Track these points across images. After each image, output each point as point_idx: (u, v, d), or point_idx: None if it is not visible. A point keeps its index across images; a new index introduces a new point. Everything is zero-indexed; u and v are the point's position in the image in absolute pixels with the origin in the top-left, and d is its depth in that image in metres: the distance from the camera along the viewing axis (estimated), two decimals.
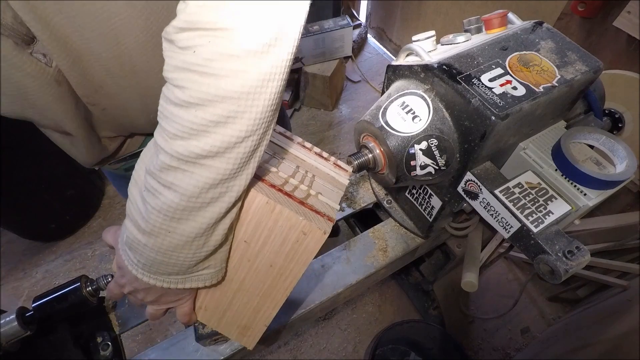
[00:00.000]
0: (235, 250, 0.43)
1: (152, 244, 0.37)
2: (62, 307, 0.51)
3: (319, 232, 0.39)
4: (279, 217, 0.39)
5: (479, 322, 1.56)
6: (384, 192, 0.84)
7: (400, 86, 0.58)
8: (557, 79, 0.51)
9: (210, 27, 0.29)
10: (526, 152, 0.57)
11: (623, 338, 1.00)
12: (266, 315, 0.49)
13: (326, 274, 0.74)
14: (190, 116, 0.31)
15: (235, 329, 0.52)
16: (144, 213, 0.36)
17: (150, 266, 0.39)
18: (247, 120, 0.32)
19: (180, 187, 0.33)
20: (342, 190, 0.49)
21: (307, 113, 2.36)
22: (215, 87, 0.30)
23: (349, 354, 1.50)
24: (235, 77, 0.30)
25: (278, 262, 0.43)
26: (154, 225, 0.36)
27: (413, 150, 0.55)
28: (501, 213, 0.53)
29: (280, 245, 0.41)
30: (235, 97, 0.30)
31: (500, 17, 0.58)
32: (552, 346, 1.33)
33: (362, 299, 1.64)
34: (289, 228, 0.40)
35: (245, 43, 0.29)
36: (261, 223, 0.40)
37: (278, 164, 0.45)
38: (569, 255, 0.48)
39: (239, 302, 0.48)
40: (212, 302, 0.48)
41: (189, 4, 0.29)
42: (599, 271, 1.40)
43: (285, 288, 0.45)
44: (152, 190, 0.35)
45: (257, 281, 0.45)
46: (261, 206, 0.39)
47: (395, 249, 0.78)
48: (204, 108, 0.30)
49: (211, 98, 0.30)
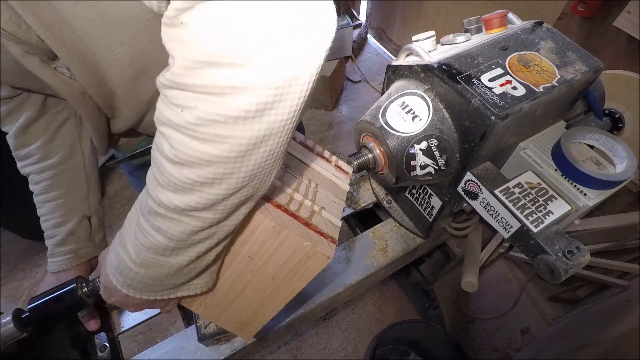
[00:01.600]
0: (239, 263, 0.44)
1: (144, 273, 0.38)
2: (58, 308, 0.51)
3: (323, 257, 0.41)
4: (285, 240, 0.40)
5: (479, 322, 1.56)
6: (384, 192, 0.84)
7: (400, 86, 0.58)
8: (557, 79, 0.51)
9: (198, 91, 0.27)
10: (526, 152, 0.57)
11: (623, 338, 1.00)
12: (264, 317, 0.51)
13: (326, 274, 0.74)
14: (177, 173, 0.30)
15: (234, 324, 0.53)
16: (135, 247, 0.37)
17: (142, 288, 0.40)
18: (235, 180, 0.30)
19: (168, 233, 0.34)
20: (343, 201, 0.50)
21: (307, 113, 2.36)
22: (200, 152, 0.28)
23: (349, 354, 1.50)
24: (222, 142, 0.28)
25: (280, 276, 0.44)
26: (144, 260, 0.37)
27: (413, 150, 0.55)
28: (501, 213, 0.53)
29: (284, 263, 0.43)
30: (222, 162, 0.29)
31: (500, 17, 0.58)
32: (552, 346, 1.33)
33: (362, 299, 1.64)
34: (293, 251, 0.41)
35: (233, 110, 0.26)
36: (266, 243, 0.41)
37: (283, 174, 0.46)
38: (569, 255, 0.48)
39: (239, 305, 0.49)
40: (213, 302, 0.49)
41: (175, 62, 0.27)
42: (599, 271, 1.40)
43: (284, 298, 0.47)
44: (142, 230, 0.35)
45: (258, 290, 0.46)
46: (268, 229, 0.40)
47: (395, 249, 0.78)
48: (190, 169, 0.29)
49: (197, 161, 0.29)
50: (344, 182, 0.52)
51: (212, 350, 0.65)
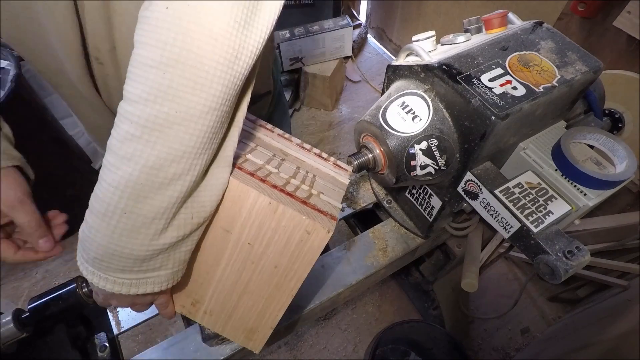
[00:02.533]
0: (239, 253, 0.43)
1: (105, 227, 0.34)
2: (58, 308, 0.51)
3: (323, 231, 0.39)
4: (282, 217, 0.39)
5: (479, 322, 1.56)
6: (384, 192, 0.84)
7: (400, 86, 0.58)
8: (557, 79, 0.51)
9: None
10: (526, 152, 0.57)
11: (623, 338, 1.00)
12: (272, 318, 0.49)
13: (326, 274, 0.74)
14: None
15: (241, 333, 0.51)
16: (99, 193, 0.34)
17: (100, 260, 0.36)
18: (212, 91, 0.31)
19: (142, 158, 0.32)
20: (343, 190, 0.49)
21: (307, 113, 2.36)
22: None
23: (349, 354, 1.50)
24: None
25: (282, 262, 0.43)
26: (109, 204, 0.33)
27: (413, 150, 0.55)
28: (501, 213, 0.53)
29: (284, 245, 0.41)
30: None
31: (500, 17, 0.58)
32: (552, 346, 1.33)
33: (362, 299, 1.64)
34: (292, 228, 0.40)
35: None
36: (264, 224, 0.40)
37: (278, 165, 0.45)
38: (569, 255, 0.48)
39: (244, 306, 0.48)
40: (217, 307, 0.48)
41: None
42: (599, 271, 1.40)
43: (290, 289, 0.45)
44: (109, 166, 0.33)
45: (262, 283, 0.45)
46: (264, 207, 0.39)
47: (395, 249, 0.78)
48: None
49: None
50: (343, 177, 0.52)
51: (213, 350, 0.65)
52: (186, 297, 0.48)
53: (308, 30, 2.09)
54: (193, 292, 0.47)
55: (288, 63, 2.18)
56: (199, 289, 0.47)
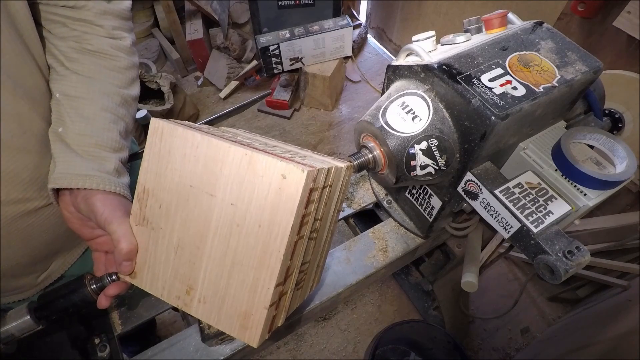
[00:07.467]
0: (225, 218, 0.44)
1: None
2: (66, 305, 0.51)
3: (297, 171, 0.39)
4: (258, 166, 0.40)
5: (479, 322, 1.56)
6: (384, 192, 0.84)
7: (400, 86, 0.58)
8: (557, 79, 0.51)
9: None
10: (526, 152, 0.57)
11: (623, 338, 1.00)
12: (264, 293, 0.47)
13: (326, 274, 0.74)
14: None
15: (235, 320, 0.50)
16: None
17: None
18: None
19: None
20: (340, 165, 0.49)
21: (307, 113, 2.36)
22: None
23: (349, 354, 1.50)
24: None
25: (265, 217, 0.43)
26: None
27: (413, 151, 0.55)
28: (501, 213, 0.53)
29: (265, 198, 0.42)
30: None
31: (500, 17, 0.58)
32: (552, 346, 1.33)
33: (362, 299, 1.64)
34: (270, 177, 0.40)
35: None
36: (244, 179, 0.41)
37: (267, 145, 0.46)
38: (569, 256, 0.48)
39: (235, 283, 0.47)
40: (210, 290, 0.48)
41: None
42: (599, 271, 1.40)
43: (277, 250, 0.44)
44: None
45: (249, 248, 0.45)
46: (240, 159, 0.40)
47: (395, 249, 0.78)
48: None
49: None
50: (340, 163, 0.52)
51: (212, 351, 0.65)
52: (181, 284, 0.48)
53: (308, 30, 2.09)
54: (186, 277, 0.48)
55: (288, 63, 2.18)
56: (191, 271, 0.47)
